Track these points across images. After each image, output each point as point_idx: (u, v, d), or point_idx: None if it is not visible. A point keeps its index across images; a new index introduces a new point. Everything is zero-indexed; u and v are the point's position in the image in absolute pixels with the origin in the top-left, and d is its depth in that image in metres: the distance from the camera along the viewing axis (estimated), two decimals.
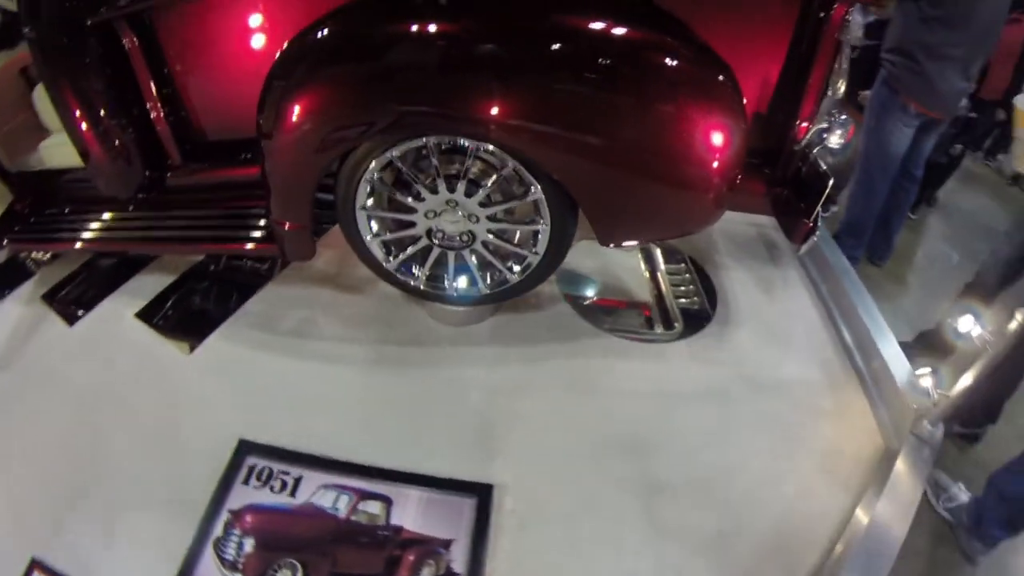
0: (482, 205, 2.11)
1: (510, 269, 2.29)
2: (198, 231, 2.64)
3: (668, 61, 1.86)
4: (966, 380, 2.09)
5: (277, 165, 2.13)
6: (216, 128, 2.54)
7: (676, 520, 1.96)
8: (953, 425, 3.04)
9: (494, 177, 2.03)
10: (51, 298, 2.89)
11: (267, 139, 2.05)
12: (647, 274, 2.97)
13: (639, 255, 3.02)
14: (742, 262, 3.03)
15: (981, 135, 6.54)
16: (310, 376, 2.37)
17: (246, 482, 1.91)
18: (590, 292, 2.84)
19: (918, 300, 4.65)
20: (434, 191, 2.09)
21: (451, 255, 2.29)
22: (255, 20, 2.26)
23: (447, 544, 1.80)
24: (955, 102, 4.05)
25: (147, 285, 2.87)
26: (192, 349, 2.53)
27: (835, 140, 2.13)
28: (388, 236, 2.29)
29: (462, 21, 1.84)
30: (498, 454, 2.10)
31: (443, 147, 1.99)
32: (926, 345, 3.73)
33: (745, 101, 1.92)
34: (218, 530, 1.80)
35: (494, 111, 1.81)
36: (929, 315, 4.08)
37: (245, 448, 2.00)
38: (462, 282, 2.37)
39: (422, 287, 2.39)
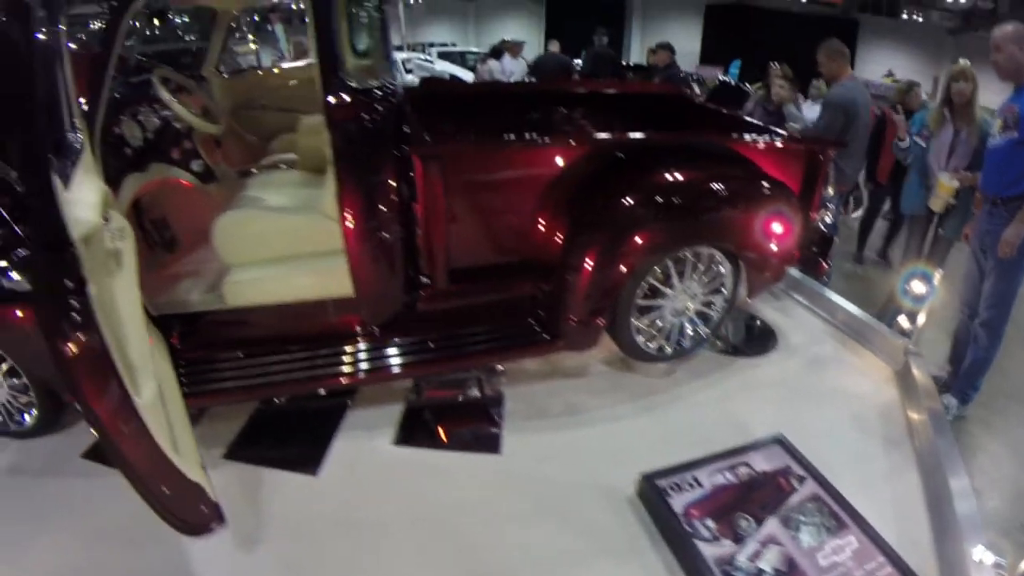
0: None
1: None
2: (466, 348, 3.00)
3: (777, 189, 3.19)
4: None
5: (595, 279, 2.87)
6: (473, 255, 3.09)
7: None
8: None
9: (703, 265, 3.13)
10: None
11: (580, 261, 2.86)
12: None
13: None
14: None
15: None
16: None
17: (669, 495, 2.47)
18: None
19: None
20: (678, 279, 3.08)
21: (684, 322, 3.23)
22: (528, 170, 3.07)
23: None
24: None
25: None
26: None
27: (828, 218, 3.58)
28: (639, 321, 3.11)
29: (707, 185, 3.05)
30: None
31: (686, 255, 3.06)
32: None
33: None
34: (688, 528, 2.33)
35: (722, 230, 3.07)
36: None
37: (648, 478, 2.52)
38: (687, 342, 3.29)
39: (667, 351, 3.25)
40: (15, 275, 2.24)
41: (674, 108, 4.42)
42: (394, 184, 2.80)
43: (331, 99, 2.59)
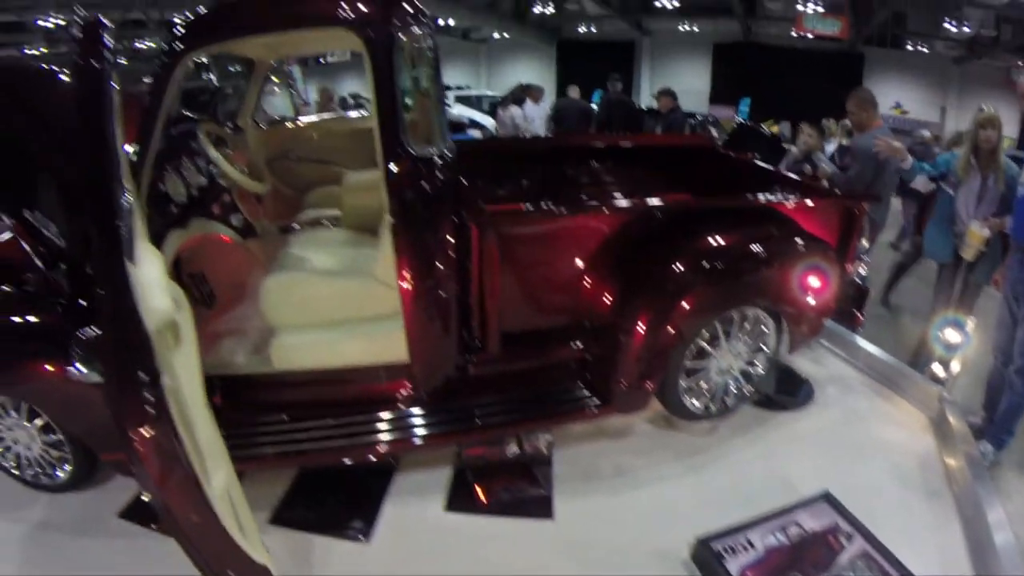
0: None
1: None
2: (516, 413, 3.04)
3: (817, 245, 3.29)
4: None
5: (647, 343, 2.93)
6: (523, 319, 3.16)
7: None
8: None
9: (748, 324, 3.21)
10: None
11: (632, 325, 2.93)
12: None
13: None
14: None
15: None
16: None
17: (725, 558, 2.49)
18: None
19: None
20: (725, 339, 3.15)
21: (728, 381, 3.28)
22: (579, 234, 3.15)
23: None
24: None
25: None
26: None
27: (862, 270, 3.64)
28: (685, 382, 3.17)
29: (752, 247, 3.16)
30: None
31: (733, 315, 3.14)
32: None
33: None
34: None
35: (767, 290, 3.16)
36: None
37: (704, 541, 2.55)
38: (731, 400, 3.35)
39: (711, 410, 3.30)
40: (82, 367, 2.14)
41: (705, 159, 4.49)
42: (452, 251, 2.86)
43: (392, 167, 2.63)
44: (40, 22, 23.10)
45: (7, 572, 2.69)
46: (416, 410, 3.01)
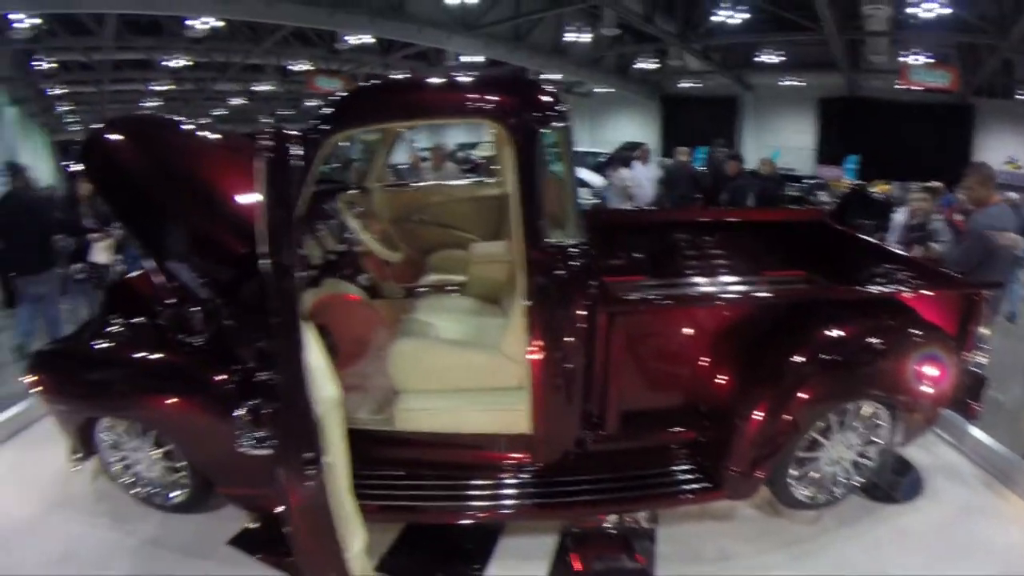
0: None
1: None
2: (627, 491, 3.11)
3: (935, 335, 3.28)
4: None
5: (763, 431, 2.97)
6: (641, 399, 3.25)
7: None
8: None
9: (862, 415, 3.21)
10: None
11: (750, 413, 2.98)
12: None
13: None
14: None
15: None
16: None
17: None
18: None
19: None
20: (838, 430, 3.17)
21: (838, 471, 3.28)
22: (705, 319, 3.25)
23: None
24: None
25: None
26: None
27: (981, 358, 3.54)
28: (796, 471, 3.20)
29: (872, 339, 3.20)
30: None
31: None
32: None
33: None
34: None
35: (884, 382, 3.17)
36: None
37: None
38: (839, 490, 3.34)
39: (819, 500, 3.30)
40: (248, 441, 2.36)
41: (817, 234, 4.44)
42: (581, 332, 2.99)
43: (532, 255, 2.84)
44: (164, 62, 24.82)
45: None
46: (530, 480, 3.14)
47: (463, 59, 24.75)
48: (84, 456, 3.42)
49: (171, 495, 3.33)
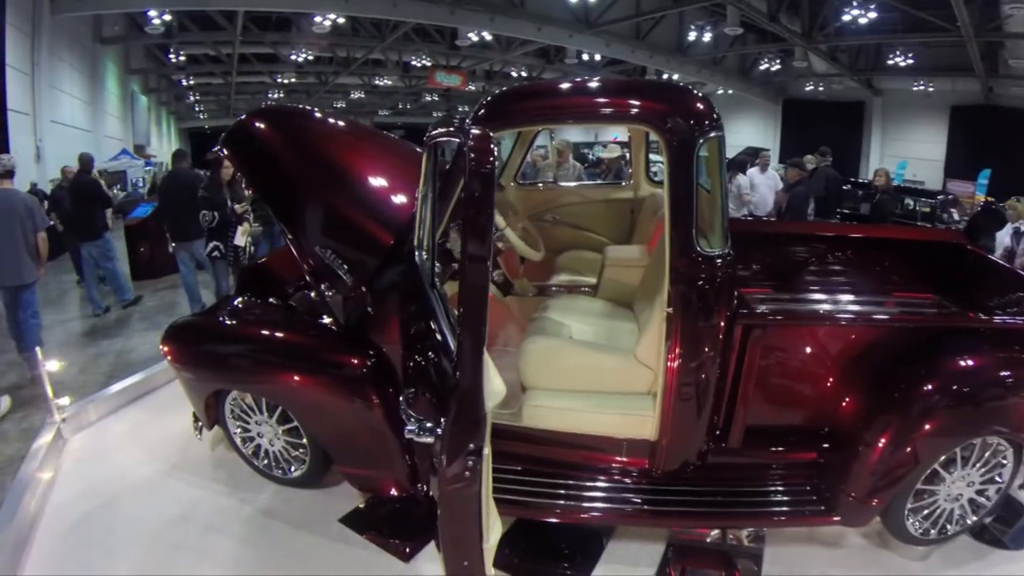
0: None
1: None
2: (741, 507, 3.09)
3: None
4: None
5: (885, 460, 2.90)
6: (766, 415, 3.23)
7: None
8: None
9: (987, 453, 3.07)
10: None
11: (875, 440, 2.91)
12: None
13: None
14: None
15: None
16: None
17: None
18: None
19: None
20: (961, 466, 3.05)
21: (954, 508, 3.17)
22: (840, 339, 3.21)
23: None
24: None
25: None
26: None
27: None
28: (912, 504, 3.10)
29: (1008, 372, 3.03)
30: None
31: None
32: None
33: None
34: None
35: (1014, 420, 3.00)
36: None
37: None
38: (952, 528, 3.22)
39: (931, 535, 3.20)
40: (414, 427, 2.35)
41: (953, 257, 4.16)
42: (719, 345, 3.01)
43: (680, 263, 2.87)
44: (291, 56, 26.04)
45: (227, 546, 3.23)
46: (645, 487, 3.17)
47: (584, 57, 24.76)
48: (209, 426, 3.67)
49: (292, 470, 3.54)
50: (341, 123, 4.43)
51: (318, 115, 4.76)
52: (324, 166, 3.65)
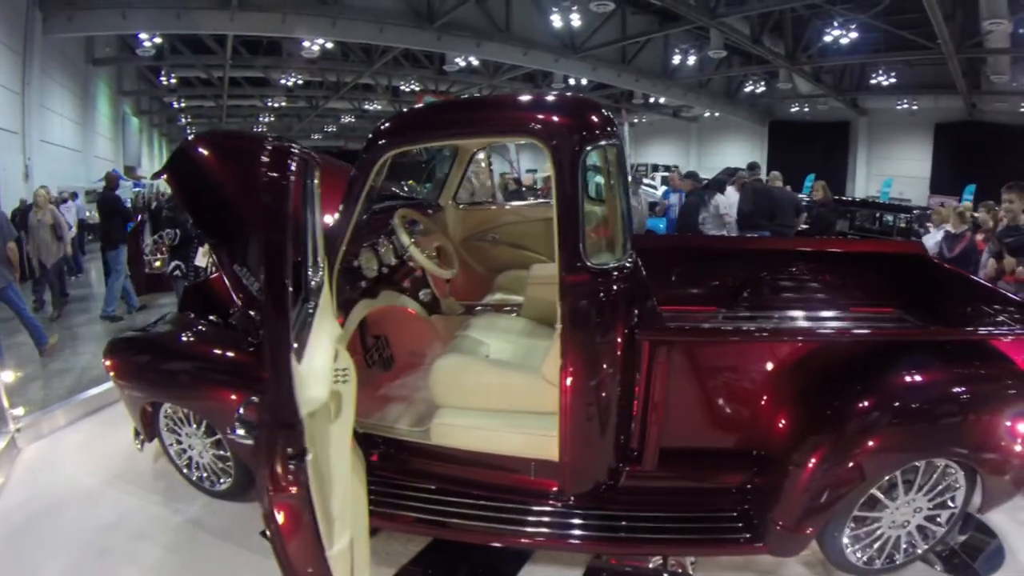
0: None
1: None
2: (660, 533, 2.87)
3: None
4: None
5: (816, 484, 2.64)
6: (684, 437, 3.02)
7: None
8: None
9: (935, 476, 2.80)
10: None
11: (804, 461, 2.65)
12: None
13: None
14: None
15: None
16: None
17: None
18: None
19: None
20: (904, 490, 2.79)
21: (901, 535, 2.91)
22: (759, 357, 2.99)
23: None
24: None
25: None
26: None
27: None
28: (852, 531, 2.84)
29: (953, 389, 2.79)
30: None
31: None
32: None
33: None
34: None
35: (964, 440, 2.72)
36: None
37: None
38: (900, 557, 2.96)
39: (875, 565, 2.92)
40: (240, 430, 2.63)
41: (914, 269, 3.96)
42: (619, 360, 2.82)
43: (567, 277, 2.71)
44: (282, 80, 26.32)
45: (153, 553, 3.27)
46: (560, 510, 3.01)
47: (571, 81, 24.93)
48: (149, 438, 3.70)
49: (221, 481, 3.57)
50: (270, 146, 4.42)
51: (255, 140, 4.70)
52: (245, 191, 3.58)
